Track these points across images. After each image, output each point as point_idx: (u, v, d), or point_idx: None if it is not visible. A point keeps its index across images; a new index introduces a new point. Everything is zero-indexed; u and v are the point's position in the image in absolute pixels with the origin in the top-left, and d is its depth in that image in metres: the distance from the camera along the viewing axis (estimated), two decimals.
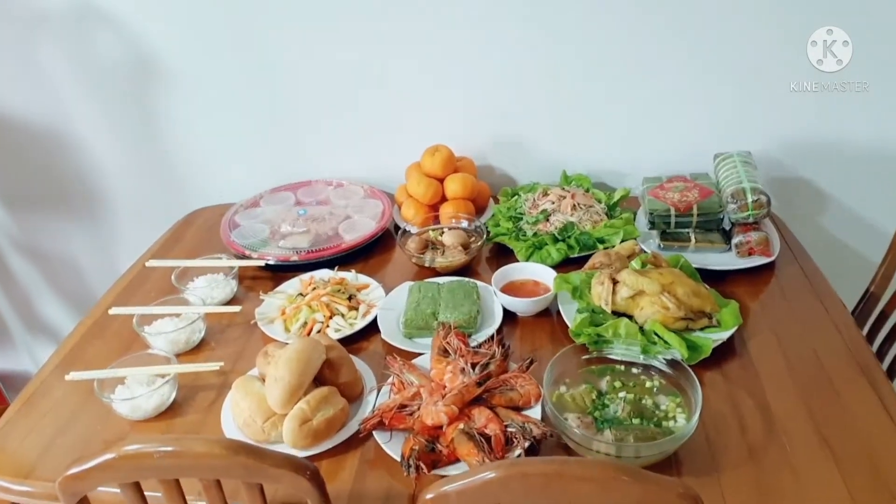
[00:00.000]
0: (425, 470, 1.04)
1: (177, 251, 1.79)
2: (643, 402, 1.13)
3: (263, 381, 1.21)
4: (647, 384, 1.16)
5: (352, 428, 1.16)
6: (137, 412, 1.23)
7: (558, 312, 1.43)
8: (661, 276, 1.33)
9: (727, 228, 1.59)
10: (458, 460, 1.08)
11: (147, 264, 1.63)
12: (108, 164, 2.05)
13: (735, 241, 1.53)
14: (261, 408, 1.16)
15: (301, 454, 1.12)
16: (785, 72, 1.69)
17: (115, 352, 1.40)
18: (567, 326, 1.36)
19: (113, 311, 1.45)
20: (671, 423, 1.09)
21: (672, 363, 1.18)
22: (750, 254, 1.52)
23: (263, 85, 1.88)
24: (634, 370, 1.20)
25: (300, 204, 1.89)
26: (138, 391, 1.24)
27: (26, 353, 2.49)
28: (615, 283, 1.33)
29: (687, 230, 1.58)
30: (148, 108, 1.94)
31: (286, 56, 1.83)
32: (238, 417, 1.18)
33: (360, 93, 1.87)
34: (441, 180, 1.79)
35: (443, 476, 1.06)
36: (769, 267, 1.55)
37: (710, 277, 1.47)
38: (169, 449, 0.88)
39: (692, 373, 1.13)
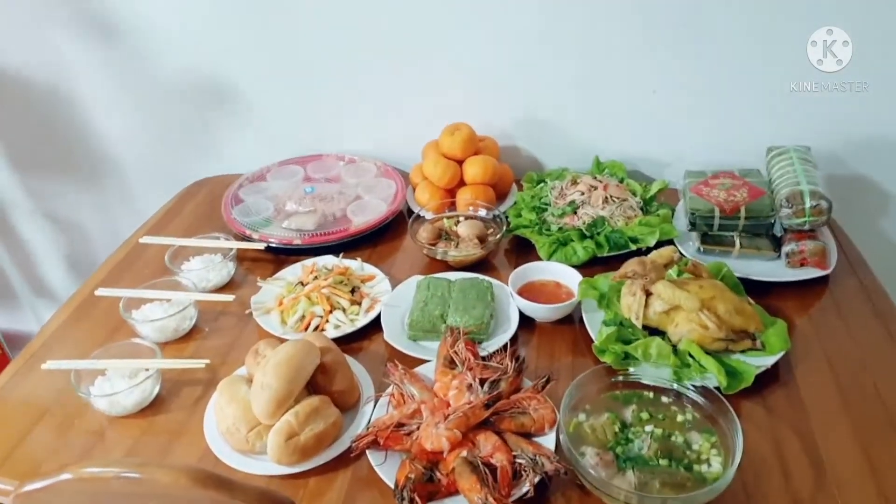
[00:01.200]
0: None
1: (175, 226, 1.67)
2: (673, 439, 0.99)
3: (251, 383, 1.10)
4: (679, 418, 1.02)
5: (344, 443, 1.05)
6: (116, 408, 1.13)
7: (581, 320, 1.29)
8: (701, 290, 1.18)
9: (777, 234, 1.42)
10: (458, 492, 0.96)
11: (140, 241, 1.52)
12: (116, 127, 1.93)
13: (786, 249, 1.37)
14: (245, 416, 1.05)
15: (286, 470, 1.01)
16: None
17: (100, 337, 1.30)
18: (590, 338, 1.23)
19: (99, 292, 1.34)
20: (704, 468, 0.95)
21: (708, 394, 1.04)
22: (802, 265, 1.36)
23: (278, 48, 1.73)
24: (665, 399, 1.06)
25: (309, 180, 1.76)
26: (119, 385, 1.14)
27: (31, 313, 2.42)
28: (648, 294, 1.19)
29: (731, 234, 1.42)
30: (156, 70, 1.81)
31: (303, 19, 1.68)
32: (221, 423, 1.07)
33: (379, 62, 1.72)
34: (460, 162, 1.64)
35: None
36: (822, 280, 1.38)
37: (754, 289, 1.32)
38: (130, 476, 0.78)
39: (732, 411, 0.98)
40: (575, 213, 1.52)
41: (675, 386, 1.06)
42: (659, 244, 1.42)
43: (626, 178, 1.65)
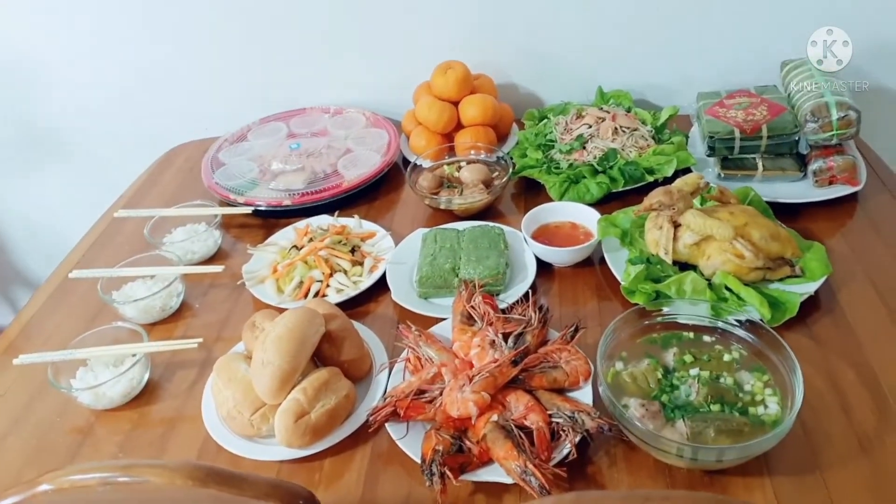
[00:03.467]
0: (452, 478, 0.83)
1: (153, 197, 1.55)
2: (722, 381, 0.90)
3: (250, 360, 0.99)
4: (726, 357, 0.93)
5: (360, 417, 0.95)
6: (102, 401, 1.03)
7: (602, 261, 1.19)
8: (733, 217, 1.08)
9: (803, 153, 1.31)
10: (491, 460, 0.87)
11: (116, 215, 1.39)
12: (78, 100, 1.78)
13: (813, 167, 1.27)
14: (247, 397, 0.95)
15: (298, 454, 0.92)
16: None
17: (79, 322, 1.19)
18: (615, 279, 1.13)
19: (73, 274, 1.22)
20: (760, 411, 0.86)
21: (755, 328, 0.94)
22: (831, 182, 1.26)
23: None
24: (707, 338, 0.97)
25: (293, 136, 1.63)
26: (102, 376, 1.04)
27: (9, 306, 2.30)
28: (676, 226, 1.08)
29: (753, 156, 1.31)
30: (116, 30, 1.65)
31: None
32: (222, 407, 0.97)
33: (359, 1, 1.57)
34: (456, 103, 1.52)
35: (474, 482, 0.86)
36: (852, 198, 1.29)
37: (780, 212, 1.21)
38: (119, 480, 0.67)
39: (786, 344, 0.89)
40: (584, 147, 1.41)
41: (720, 323, 0.96)
42: (676, 174, 1.31)
43: (633, 107, 1.53)
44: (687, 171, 1.33)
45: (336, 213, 1.37)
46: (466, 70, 1.51)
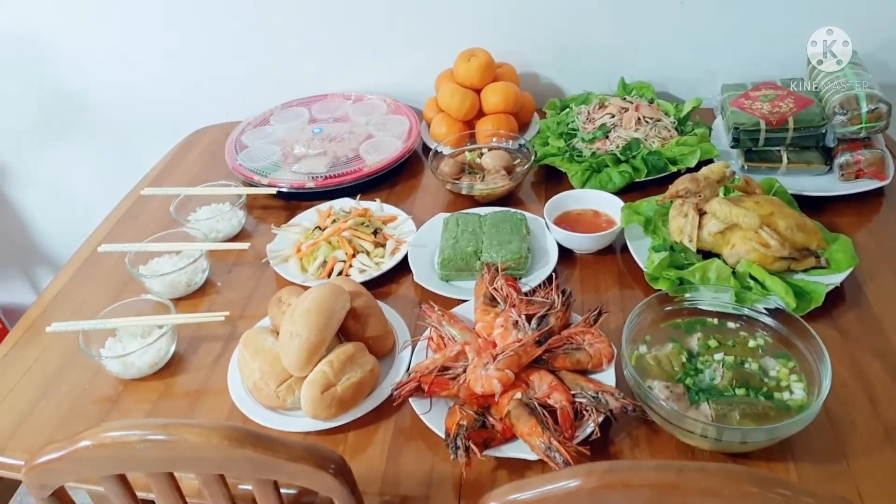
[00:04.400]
0: (477, 452, 0.83)
1: (177, 177, 1.56)
2: (747, 366, 0.90)
3: (277, 334, 1.01)
4: (751, 343, 0.93)
5: (384, 392, 0.96)
6: (130, 370, 1.04)
7: (623, 249, 1.20)
8: (759, 207, 1.08)
9: (829, 146, 1.31)
10: (514, 437, 0.88)
11: (142, 193, 1.41)
12: (103, 80, 1.80)
13: (840, 160, 1.27)
14: (274, 369, 0.96)
15: (323, 425, 0.93)
16: None
17: (106, 296, 1.20)
18: (637, 267, 1.13)
19: (102, 248, 1.24)
20: (786, 396, 0.86)
21: (781, 316, 0.94)
22: (857, 176, 1.26)
23: None
24: (731, 324, 0.97)
25: (315, 121, 1.64)
26: (130, 346, 1.05)
27: (30, 285, 2.32)
28: (701, 214, 1.09)
29: (778, 149, 1.31)
30: (146, 11, 1.67)
31: None
32: (248, 379, 0.98)
33: None
34: (478, 91, 1.52)
35: (497, 458, 0.86)
36: (878, 192, 1.28)
37: (804, 206, 1.21)
38: (157, 438, 0.69)
39: (813, 332, 0.89)
40: (606, 136, 1.41)
41: (745, 310, 0.96)
42: (699, 165, 1.31)
43: (656, 98, 1.53)
44: (709, 162, 1.33)
45: (358, 197, 1.38)
46: (490, 57, 1.51)
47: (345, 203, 1.36)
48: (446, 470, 0.88)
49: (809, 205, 1.23)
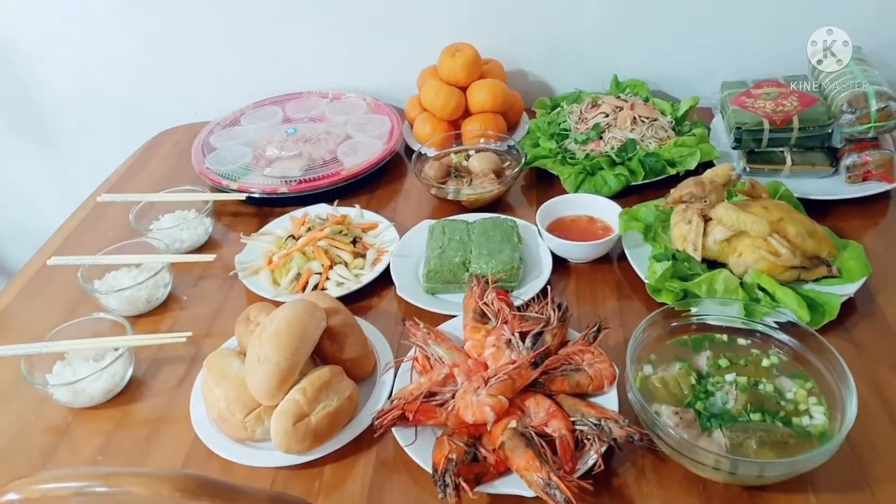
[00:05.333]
0: (468, 490, 0.74)
1: (140, 182, 1.46)
2: (761, 387, 0.83)
3: (244, 356, 0.91)
4: (764, 362, 0.86)
5: (363, 421, 0.87)
6: (81, 398, 0.94)
7: (621, 257, 1.12)
8: (767, 212, 1.00)
9: (835, 147, 1.24)
10: (508, 471, 0.79)
11: (99, 199, 1.30)
12: (61, 78, 1.68)
13: (847, 162, 1.20)
14: (241, 397, 0.86)
15: (296, 460, 0.83)
16: None
17: (56, 314, 1.10)
18: (635, 277, 1.06)
19: (53, 261, 1.13)
20: (805, 421, 0.79)
21: (795, 331, 0.87)
22: (865, 178, 1.19)
23: None
24: (741, 341, 0.89)
25: (289, 121, 1.54)
26: (82, 371, 0.95)
27: None
28: (706, 220, 1.01)
29: (782, 150, 1.24)
30: (102, 9, 1.56)
31: None
32: (212, 408, 0.89)
33: None
34: (464, 89, 1.44)
35: (490, 494, 0.78)
36: (884, 196, 1.22)
37: (809, 210, 1.13)
38: (97, 490, 0.59)
39: (833, 349, 0.82)
40: (600, 137, 1.33)
41: (758, 325, 0.88)
42: (699, 168, 1.24)
43: (651, 97, 1.45)
44: (709, 165, 1.26)
45: (335, 203, 1.28)
46: (476, 53, 1.43)
47: (321, 209, 1.27)
48: None
49: (814, 209, 1.16)
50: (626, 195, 1.24)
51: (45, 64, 1.66)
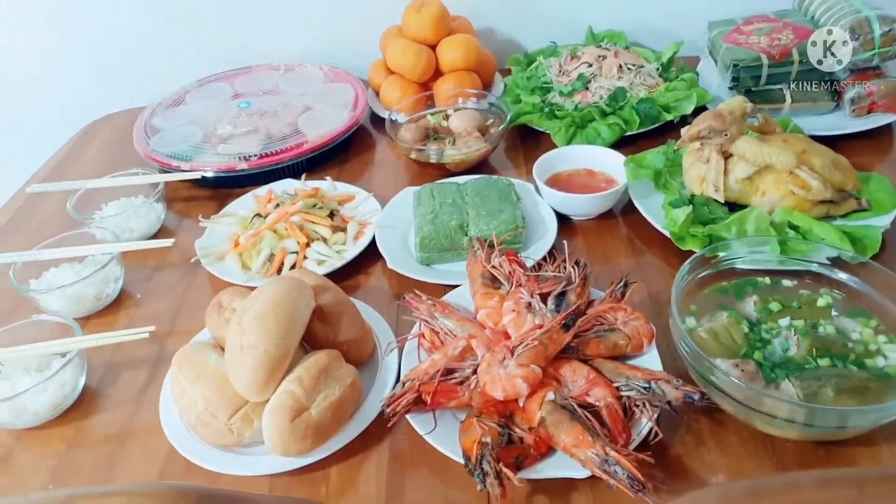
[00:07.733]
0: (511, 476, 0.63)
1: (76, 173, 1.29)
2: (821, 330, 0.73)
3: (221, 349, 0.77)
4: (820, 302, 0.77)
5: (370, 410, 0.74)
6: (24, 416, 0.78)
7: (625, 210, 1.02)
8: (789, 145, 0.92)
9: (836, 80, 1.17)
10: (550, 451, 0.68)
11: (29, 190, 1.12)
12: None
13: (850, 94, 1.13)
14: (223, 395, 0.72)
15: (296, 463, 0.70)
16: None
17: None
18: (647, 229, 0.96)
19: None
20: (880, 362, 0.70)
21: (844, 265, 0.78)
22: (870, 111, 1.13)
23: None
24: (786, 282, 0.80)
25: (239, 97, 1.39)
26: (21, 384, 0.79)
27: None
28: (726, 157, 0.92)
29: (780, 87, 1.17)
30: None
31: None
32: (188, 412, 0.74)
33: None
34: (433, 47, 1.31)
35: (534, 480, 0.66)
36: (888, 128, 1.16)
37: None
38: None
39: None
40: (586, 88, 1.23)
41: (804, 265, 0.79)
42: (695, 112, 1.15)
43: (631, 47, 1.36)
44: (703, 108, 1.17)
45: (303, 177, 1.15)
46: (443, 7, 1.31)
47: (288, 185, 1.13)
48: (466, 502, 0.67)
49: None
50: (619, 146, 1.14)
51: None
